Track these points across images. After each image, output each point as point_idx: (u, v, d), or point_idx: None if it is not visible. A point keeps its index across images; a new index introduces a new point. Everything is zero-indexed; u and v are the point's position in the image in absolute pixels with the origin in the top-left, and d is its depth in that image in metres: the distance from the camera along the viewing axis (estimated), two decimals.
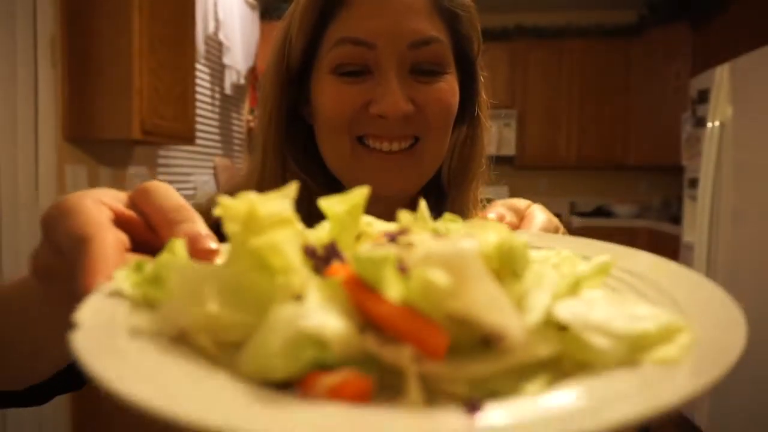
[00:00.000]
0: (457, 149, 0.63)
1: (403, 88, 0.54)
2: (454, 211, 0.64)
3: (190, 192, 3.17)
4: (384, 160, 0.56)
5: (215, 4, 3.21)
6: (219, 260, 0.30)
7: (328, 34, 0.55)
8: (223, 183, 3.38)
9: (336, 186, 0.63)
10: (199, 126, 3.10)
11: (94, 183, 2.31)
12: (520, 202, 0.45)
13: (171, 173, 2.98)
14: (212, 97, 3.46)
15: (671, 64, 4.25)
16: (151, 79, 2.19)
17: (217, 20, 3.24)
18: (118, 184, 2.47)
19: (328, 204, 0.30)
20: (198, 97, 3.13)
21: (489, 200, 0.72)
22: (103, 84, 2.11)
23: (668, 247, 3.76)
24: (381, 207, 0.64)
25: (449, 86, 0.57)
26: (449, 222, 0.34)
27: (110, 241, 0.28)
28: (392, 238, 0.26)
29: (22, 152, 1.95)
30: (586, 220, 4.44)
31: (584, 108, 4.66)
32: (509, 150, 4.63)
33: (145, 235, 0.31)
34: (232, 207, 0.25)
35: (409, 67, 0.55)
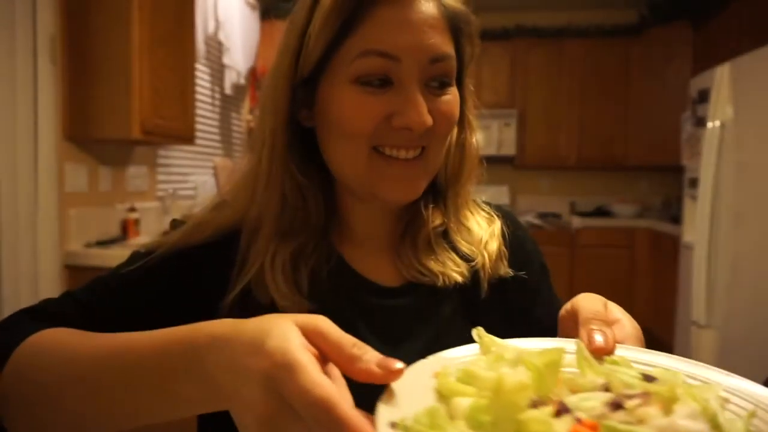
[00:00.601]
0: (451, 150, 0.66)
1: (424, 101, 0.56)
2: (449, 208, 0.66)
3: (190, 192, 3.17)
4: (401, 167, 0.58)
5: (215, 4, 3.21)
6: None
7: (348, 44, 0.55)
8: (222, 184, 3.38)
9: (330, 189, 0.63)
10: (199, 126, 3.10)
11: (94, 182, 2.31)
12: (596, 304, 0.47)
13: (171, 173, 2.98)
14: (212, 97, 3.46)
15: (671, 64, 4.25)
16: (151, 78, 2.19)
17: (217, 20, 3.24)
18: (118, 183, 2.47)
19: (528, 357, 0.36)
20: (198, 97, 3.13)
21: (486, 203, 0.73)
22: (103, 84, 2.11)
23: (668, 247, 3.77)
24: (376, 207, 0.64)
25: (455, 97, 0.60)
26: (612, 363, 0.40)
27: (348, 400, 0.32)
28: (618, 405, 0.33)
29: (21, 151, 1.95)
30: (586, 220, 4.44)
31: (584, 108, 4.66)
32: (509, 150, 4.63)
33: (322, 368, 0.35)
34: (484, 379, 0.33)
35: (426, 80, 0.57)
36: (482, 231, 0.67)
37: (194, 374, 0.37)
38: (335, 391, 0.31)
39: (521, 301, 0.68)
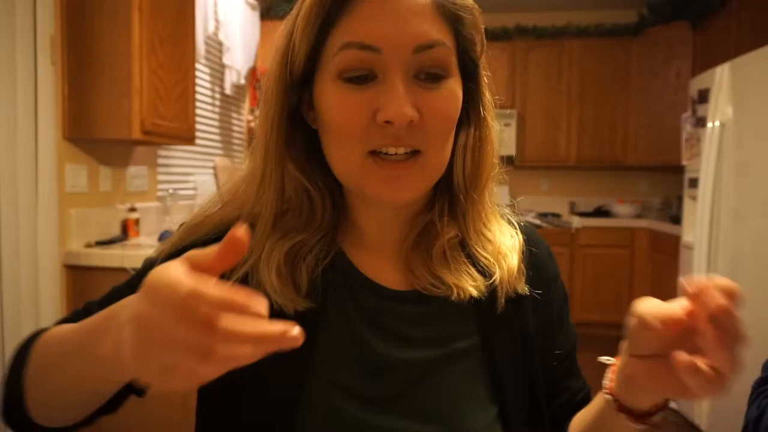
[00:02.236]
0: (468, 152, 0.62)
1: (409, 93, 0.53)
2: (467, 217, 0.63)
3: (190, 192, 3.17)
4: (391, 168, 0.55)
5: (215, 4, 3.21)
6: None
7: (331, 39, 0.54)
8: (222, 183, 3.38)
9: (335, 190, 0.62)
10: (199, 126, 3.10)
11: (94, 183, 2.31)
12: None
13: (171, 173, 2.98)
14: (212, 97, 3.46)
15: (671, 64, 4.25)
16: (151, 79, 2.19)
17: (217, 20, 3.24)
18: (118, 183, 2.47)
19: None
20: (198, 97, 3.13)
21: (509, 214, 0.69)
22: (103, 84, 2.11)
23: (668, 247, 3.77)
24: (384, 210, 0.63)
25: (451, 92, 0.56)
26: None
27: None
28: None
29: (22, 152, 1.95)
30: (586, 220, 4.44)
31: (584, 108, 4.66)
32: (509, 150, 4.63)
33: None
34: None
35: (414, 72, 0.54)
36: (503, 243, 0.63)
37: (110, 332, 0.40)
38: (200, 279, 0.33)
39: (542, 325, 0.65)
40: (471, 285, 0.60)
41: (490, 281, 0.61)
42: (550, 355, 0.65)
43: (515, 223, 0.68)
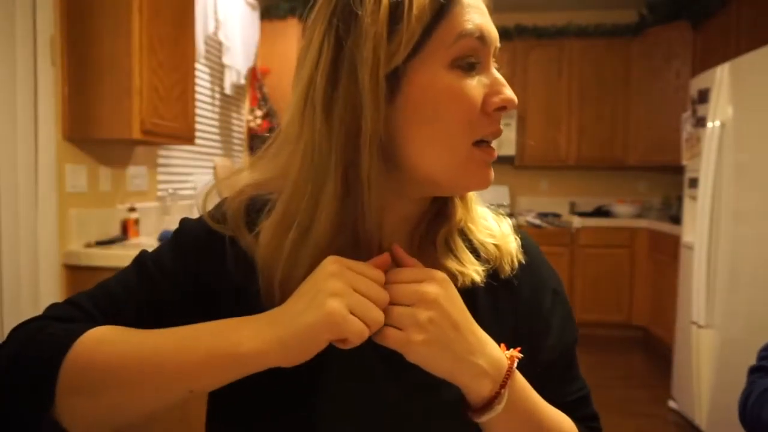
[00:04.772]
0: None
1: None
2: (466, 201, 0.64)
3: (190, 192, 3.17)
4: (492, 154, 0.58)
5: (215, 4, 3.21)
6: None
7: (444, 27, 0.53)
8: (221, 182, 3.38)
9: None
10: (199, 126, 3.10)
11: (94, 183, 2.31)
12: None
13: (171, 173, 2.98)
14: (212, 97, 3.46)
15: (671, 64, 4.25)
16: (151, 79, 2.19)
17: (217, 20, 3.24)
18: (118, 183, 2.47)
19: None
20: (198, 97, 3.13)
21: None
22: (103, 84, 2.11)
23: (668, 247, 3.77)
24: (409, 203, 0.61)
25: None
26: None
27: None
28: None
29: (22, 152, 1.95)
30: (586, 220, 4.44)
31: (584, 108, 4.66)
32: (509, 150, 4.63)
33: None
34: None
35: None
36: (500, 229, 0.65)
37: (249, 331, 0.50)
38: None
39: (531, 324, 0.65)
40: (473, 270, 0.61)
41: (491, 266, 0.63)
42: (540, 358, 0.64)
43: (503, 214, 0.70)
